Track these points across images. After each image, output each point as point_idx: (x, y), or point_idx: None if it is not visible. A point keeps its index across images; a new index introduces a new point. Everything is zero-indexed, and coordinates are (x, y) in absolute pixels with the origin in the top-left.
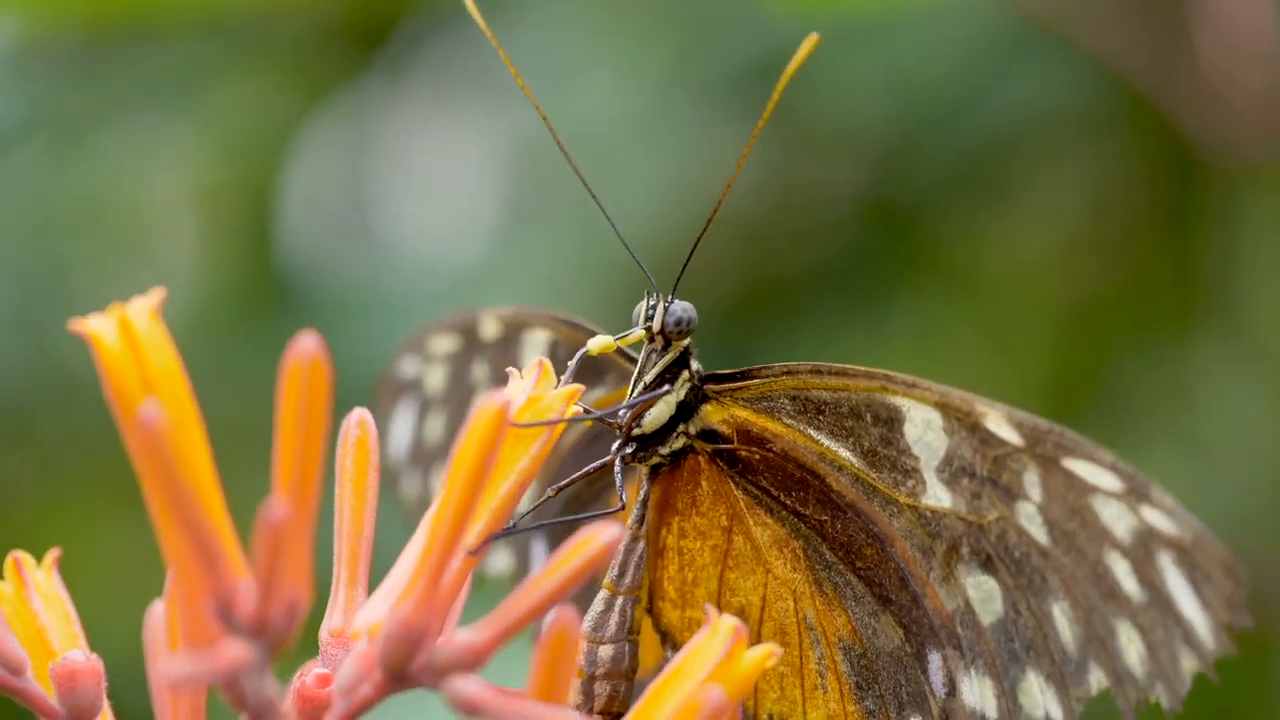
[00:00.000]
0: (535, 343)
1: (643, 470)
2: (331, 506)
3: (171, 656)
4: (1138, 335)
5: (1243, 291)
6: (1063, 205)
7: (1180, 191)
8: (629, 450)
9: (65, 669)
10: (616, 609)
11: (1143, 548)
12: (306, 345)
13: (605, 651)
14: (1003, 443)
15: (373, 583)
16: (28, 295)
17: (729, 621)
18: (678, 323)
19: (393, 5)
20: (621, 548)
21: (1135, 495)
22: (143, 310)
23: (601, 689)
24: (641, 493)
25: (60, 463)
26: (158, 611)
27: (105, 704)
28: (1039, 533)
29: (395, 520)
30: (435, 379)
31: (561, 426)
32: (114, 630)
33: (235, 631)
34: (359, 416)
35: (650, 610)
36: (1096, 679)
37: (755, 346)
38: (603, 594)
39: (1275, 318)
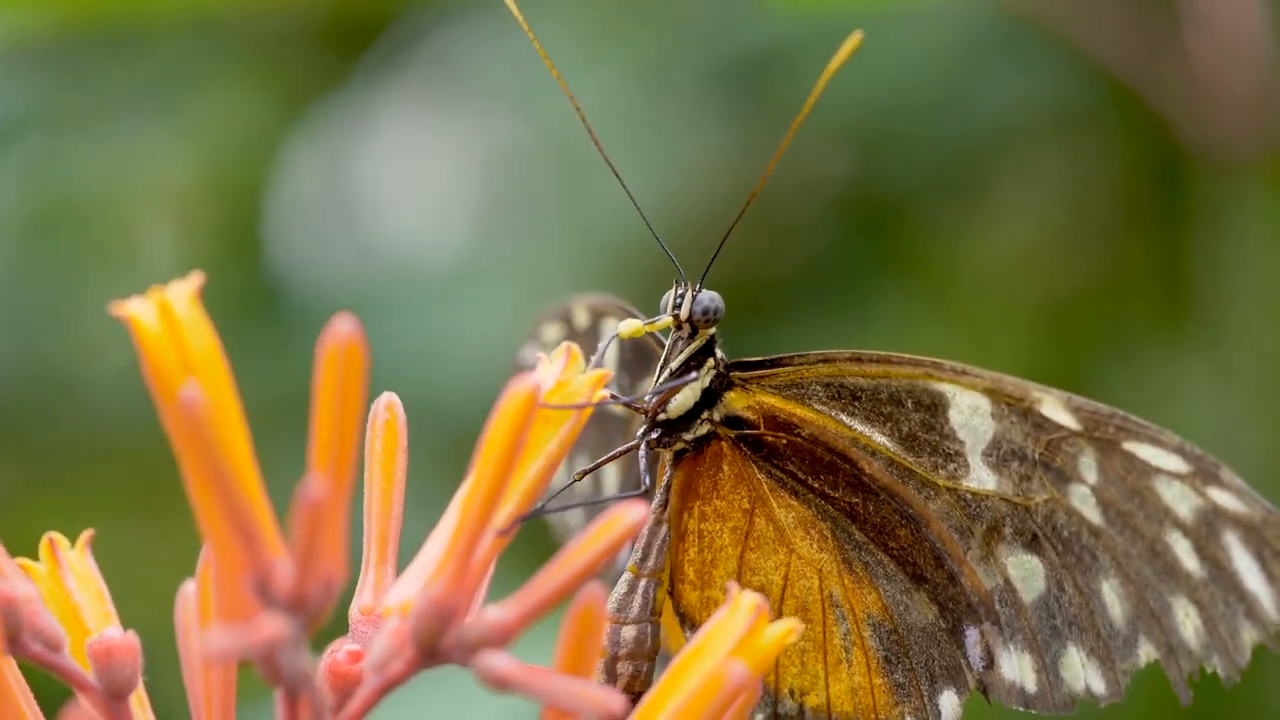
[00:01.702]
0: (610, 331)
1: (666, 456)
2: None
3: (210, 631)
4: (1119, 333)
5: (1225, 289)
6: (1045, 203)
7: (1165, 189)
8: (654, 435)
9: (102, 645)
10: (640, 591)
11: (1207, 526)
12: (343, 328)
13: (628, 632)
14: (1058, 427)
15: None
16: (14, 298)
17: (750, 598)
18: (705, 311)
19: (377, 9)
20: (645, 531)
21: (1202, 477)
22: (182, 294)
23: (624, 669)
24: (665, 478)
25: (47, 465)
26: (189, 590)
27: (140, 681)
28: (1092, 514)
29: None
30: None
31: (589, 410)
32: None
33: (273, 607)
34: (388, 400)
35: (670, 593)
36: (1146, 652)
37: (734, 342)
38: (626, 576)
39: (1257, 316)
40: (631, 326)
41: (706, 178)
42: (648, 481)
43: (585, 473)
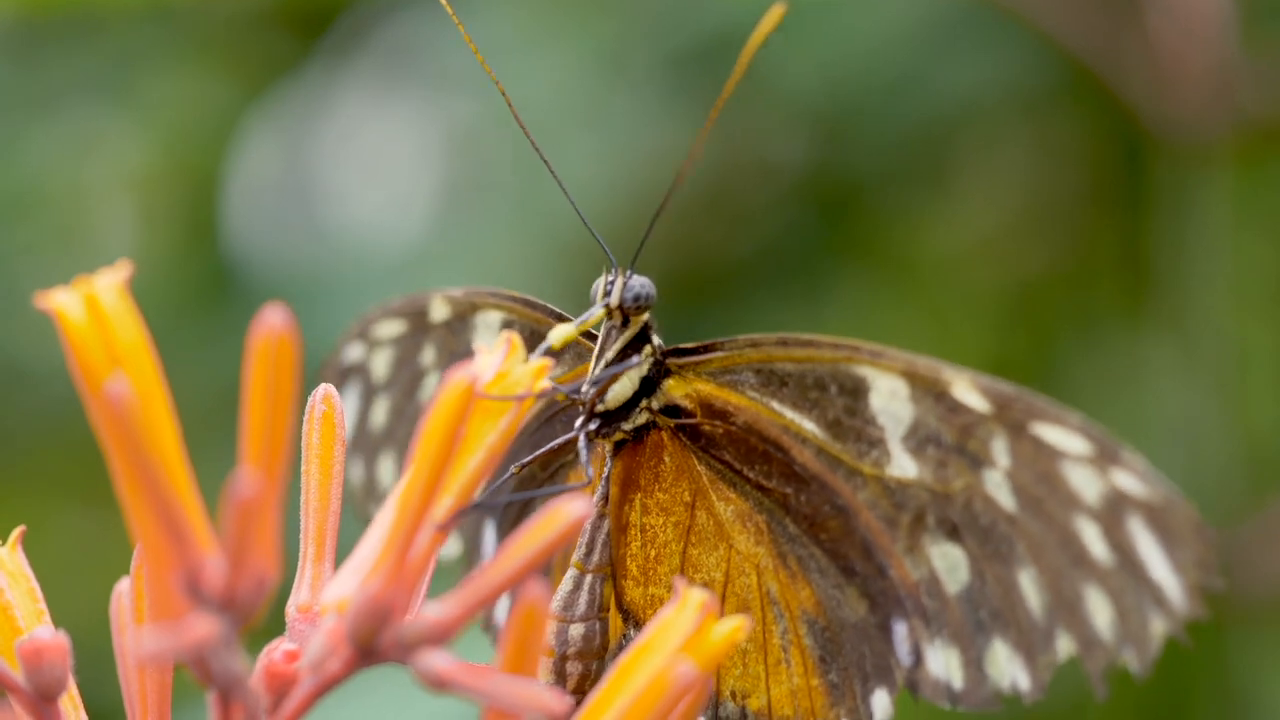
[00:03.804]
0: (488, 324)
1: (606, 447)
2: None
3: (140, 632)
4: (1083, 318)
5: (1189, 273)
6: (1007, 187)
7: (1127, 173)
8: (592, 427)
9: (32, 645)
10: (585, 587)
11: (1112, 511)
12: (274, 319)
13: (576, 630)
14: (970, 410)
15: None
16: None
17: (698, 594)
18: (635, 298)
19: None
20: (588, 525)
21: (1105, 458)
22: (109, 285)
23: (574, 668)
24: (605, 469)
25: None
26: (123, 588)
27: (71, 681)
28: (1006, 500)
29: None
30: (380, 364)
31: (530, 401)
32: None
33: (203, 606)
34: (325, 392)
35: (613, 589)
36: (1064, 646)
37: (691, 329)
38: (571, 572)
39: (1221, 299)
40: (564, 333)
41: (664, 161)
42: (590, 473)
43: (524, 465)
